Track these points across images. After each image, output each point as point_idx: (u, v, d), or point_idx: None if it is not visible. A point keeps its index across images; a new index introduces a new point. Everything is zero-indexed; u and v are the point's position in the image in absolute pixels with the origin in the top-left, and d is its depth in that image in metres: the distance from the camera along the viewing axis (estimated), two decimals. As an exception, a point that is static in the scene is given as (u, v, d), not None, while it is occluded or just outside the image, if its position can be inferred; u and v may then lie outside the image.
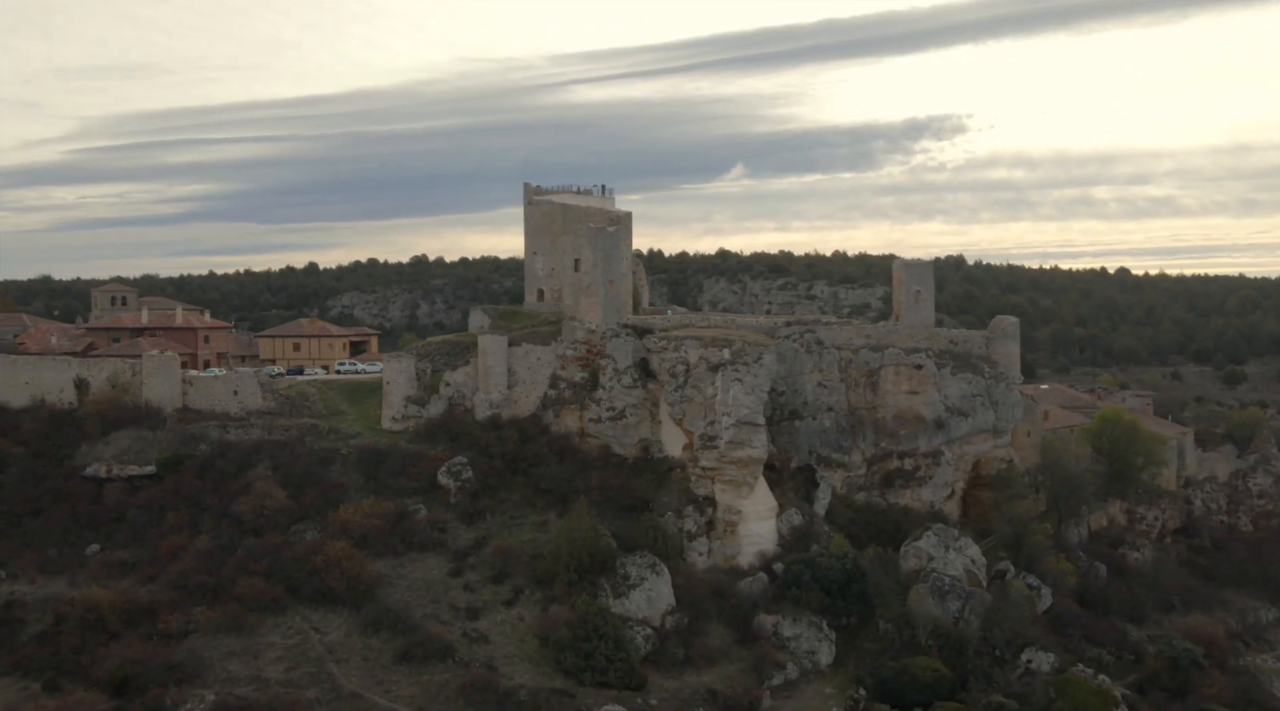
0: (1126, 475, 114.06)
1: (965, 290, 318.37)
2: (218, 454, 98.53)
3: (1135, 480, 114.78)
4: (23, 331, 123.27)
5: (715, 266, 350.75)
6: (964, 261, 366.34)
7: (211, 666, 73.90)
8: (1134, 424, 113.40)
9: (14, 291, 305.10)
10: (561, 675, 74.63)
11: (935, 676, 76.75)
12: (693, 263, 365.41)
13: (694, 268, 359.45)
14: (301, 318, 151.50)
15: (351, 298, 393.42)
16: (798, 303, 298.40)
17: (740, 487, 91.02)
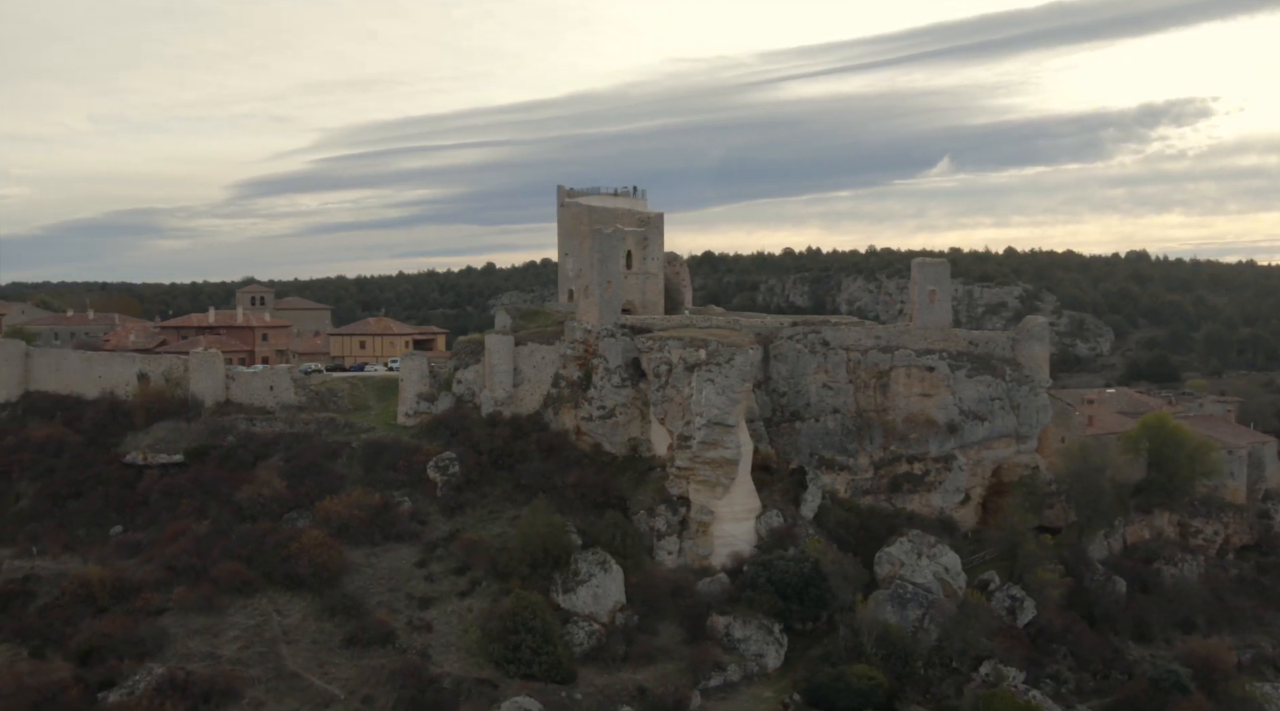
0: (1173, 485, 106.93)
1: (1121, 287, 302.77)
2: (240, 445, 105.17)
3: (1185, 491, 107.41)
4: (110, 330, 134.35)
5: (857, 265, 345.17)
6: (1125, 258, 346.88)
7: (174, 642, 79.55)
8: (1177, 431, 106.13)
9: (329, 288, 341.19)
10: (492, 665, 76.69)
11: (870, 685, 74.87)
12: (834, 261, 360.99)
13: (837, 266, 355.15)
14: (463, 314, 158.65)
15: (511, 297, 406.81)
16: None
17: (715, 488, 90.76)
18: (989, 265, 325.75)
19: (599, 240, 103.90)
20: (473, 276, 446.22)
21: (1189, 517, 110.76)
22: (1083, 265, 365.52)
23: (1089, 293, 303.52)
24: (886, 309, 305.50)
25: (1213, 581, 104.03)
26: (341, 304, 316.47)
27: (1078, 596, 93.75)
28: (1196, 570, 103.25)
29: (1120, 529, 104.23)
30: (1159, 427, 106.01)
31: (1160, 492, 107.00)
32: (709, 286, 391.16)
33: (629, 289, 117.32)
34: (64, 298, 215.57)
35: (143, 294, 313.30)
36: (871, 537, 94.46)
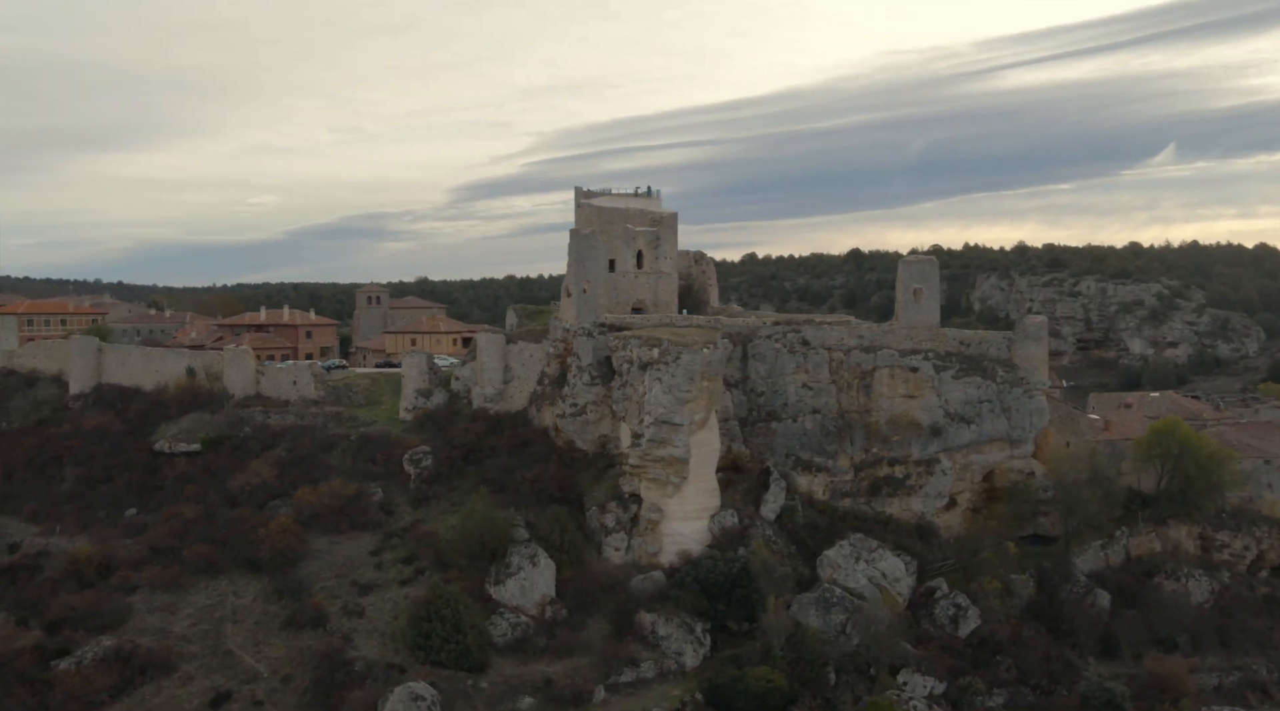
0: (1186, 497, 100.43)
1: (1262, 284, 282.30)
2: (253, 436, 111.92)
3: (1202, 502, 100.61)
4: (179, 327, 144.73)
5: (992, 262, 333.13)
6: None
7: (135, 617, 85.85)
8: (1188, 438, 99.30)
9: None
10: (407, 651, 79.62)
11: (767, 687, 74.20)
12: (973, 257, 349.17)
13: (975, 263, 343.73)
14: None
15: None
16: (1059, 300, 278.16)
17: (665, 486, 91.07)
18: (1142, 260, 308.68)
19: (576, 241, 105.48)
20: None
21: (1213, 531, 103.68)
22: (1254, 259, 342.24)
23: (1244, 290, 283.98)
24: (1017, 307, 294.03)
25: (1232, 599, 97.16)
26: (500, 303, 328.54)
27: (1048, 608, 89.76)
28: (1208, 587, 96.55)
29: (1122, 540, 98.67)
30: (1169, 435, 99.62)
31: (1174, 503, 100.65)
32: (849, 285, 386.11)
33: (640, 288, 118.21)
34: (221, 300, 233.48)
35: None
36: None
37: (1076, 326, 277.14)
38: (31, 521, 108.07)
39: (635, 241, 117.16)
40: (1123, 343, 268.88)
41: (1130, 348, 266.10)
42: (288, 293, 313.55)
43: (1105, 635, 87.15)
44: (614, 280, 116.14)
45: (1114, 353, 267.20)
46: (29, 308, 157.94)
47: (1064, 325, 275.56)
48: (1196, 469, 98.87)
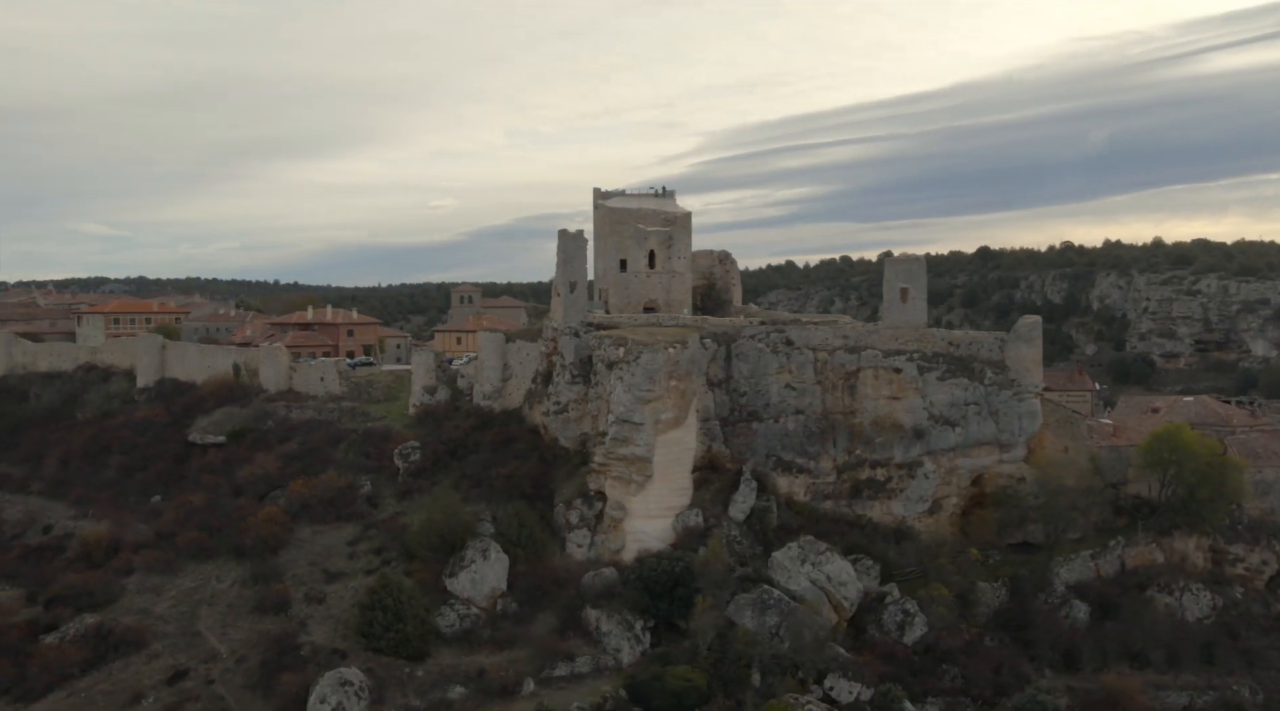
0: (1189, 507, 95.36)
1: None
2: (273, 429, 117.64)
3: (1208, 513, 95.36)
4: (240, 326, 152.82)
5: (1108, 259, 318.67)
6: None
7: (124, 597, 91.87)
8: (1188, 445, 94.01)
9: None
10: (354, 638, 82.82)
11: (684, 686, 74.43)
12: (1098, 256, 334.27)
13: (1101, 261, 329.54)
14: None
15: (777, 295, 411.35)
16: (1175, 299, 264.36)
17: (628, 484, 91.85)
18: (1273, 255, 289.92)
19: (563, 240, 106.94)
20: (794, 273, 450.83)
21: (1225, 543, 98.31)
22: None
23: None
24: (1134, 306, 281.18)
25: (1239, 616, 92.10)
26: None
27: (1015, 617, 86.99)
28: (1208, 602, 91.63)
29: (1116, 550, 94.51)
30: (1168, 441, 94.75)
31: (1179, 513, 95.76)
32: (970, 283, 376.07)
33: (652, 288, 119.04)
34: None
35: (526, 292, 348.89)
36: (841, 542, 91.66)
37: (1194, 327, 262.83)
38: (74, 505, 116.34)
39: (647, 241, 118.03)
40: (1244, 344, 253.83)
41: (1252, 350, 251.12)
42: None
43: (1070, 647, 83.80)
44: (625, 280, 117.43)
45: (1235, 355, 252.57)
46: (116, 307, 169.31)
47: (1180, 325, 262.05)
48: (1197, 478, 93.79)
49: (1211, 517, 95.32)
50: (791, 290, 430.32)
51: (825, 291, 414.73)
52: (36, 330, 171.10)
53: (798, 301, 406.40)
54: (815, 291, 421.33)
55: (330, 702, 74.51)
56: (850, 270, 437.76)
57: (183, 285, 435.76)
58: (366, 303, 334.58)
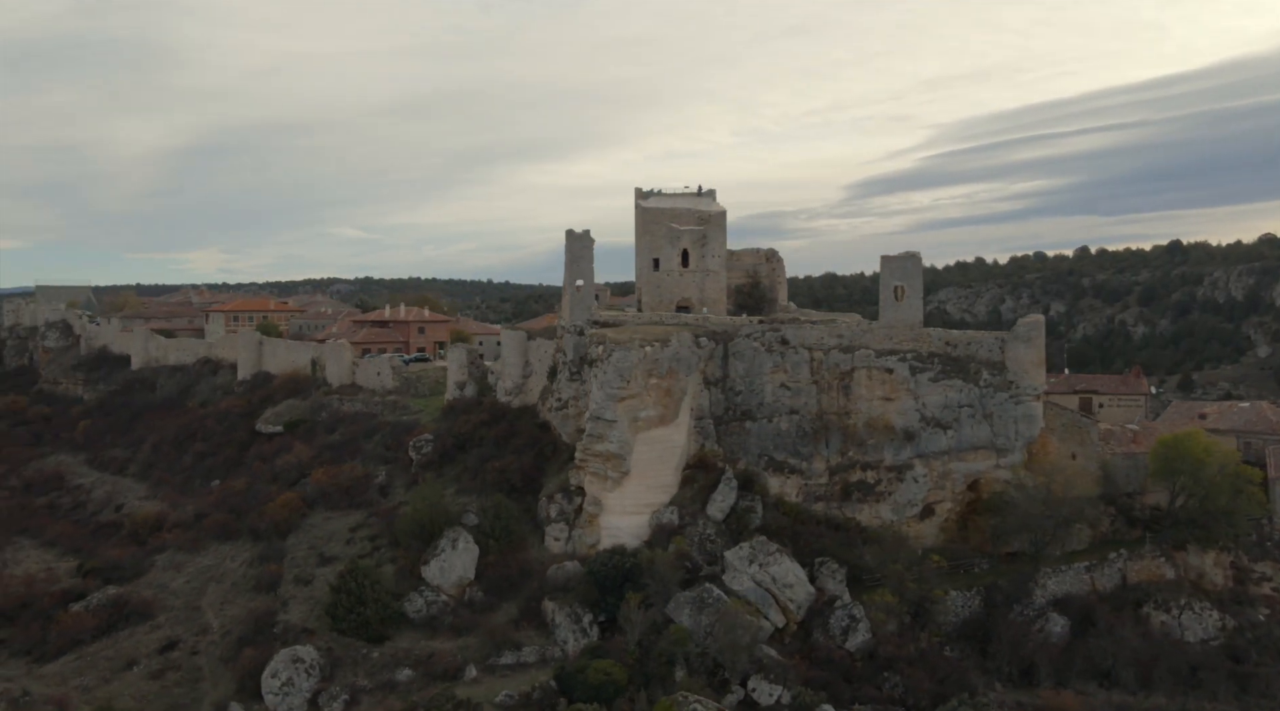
0: (1203, 519, 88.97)
1: None
2: (323, 420, 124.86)
3: (1217, 527, 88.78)
4: (330, 323, 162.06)
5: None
6: None
7: (149, 572, 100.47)
8: (1194, 453, 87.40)
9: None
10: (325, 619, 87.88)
11: (603, 680, 75.48)
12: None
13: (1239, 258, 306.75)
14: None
15: (947, 293, 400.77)
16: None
17: (604, 480, 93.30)
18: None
19: (571, 241, 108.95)
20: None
21: (1250, 560, 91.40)
22: None
23: None
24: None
25: (1254, 640, 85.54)
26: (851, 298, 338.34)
27: (981, 628, 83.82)
28: (1216, 622, 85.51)
29: (1118, 562, 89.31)
30: (1176, 449, 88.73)
31: (1191, 527, 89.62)
32: (1146, 281, 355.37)
33: (686, 286, 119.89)
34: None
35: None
36: (808, 545, 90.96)
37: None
38: (153, 487, 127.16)
39: (680, 240, 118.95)
40: None
41: None
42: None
43: (1032, 662, 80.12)
44: (658, 279, 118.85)
45: None
46: (236, 306, 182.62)
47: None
48: (1210, 488, 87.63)
49: (1226, 531, 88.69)
50: (963, 288, 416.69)
51: (997, 290, 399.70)
52: (175, 327, 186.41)
53: (966, 300, 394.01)
54: (987, 289, 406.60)
55: (281, 677, 79.71)
56: (1028, 267, 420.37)
57: (404, 285, 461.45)
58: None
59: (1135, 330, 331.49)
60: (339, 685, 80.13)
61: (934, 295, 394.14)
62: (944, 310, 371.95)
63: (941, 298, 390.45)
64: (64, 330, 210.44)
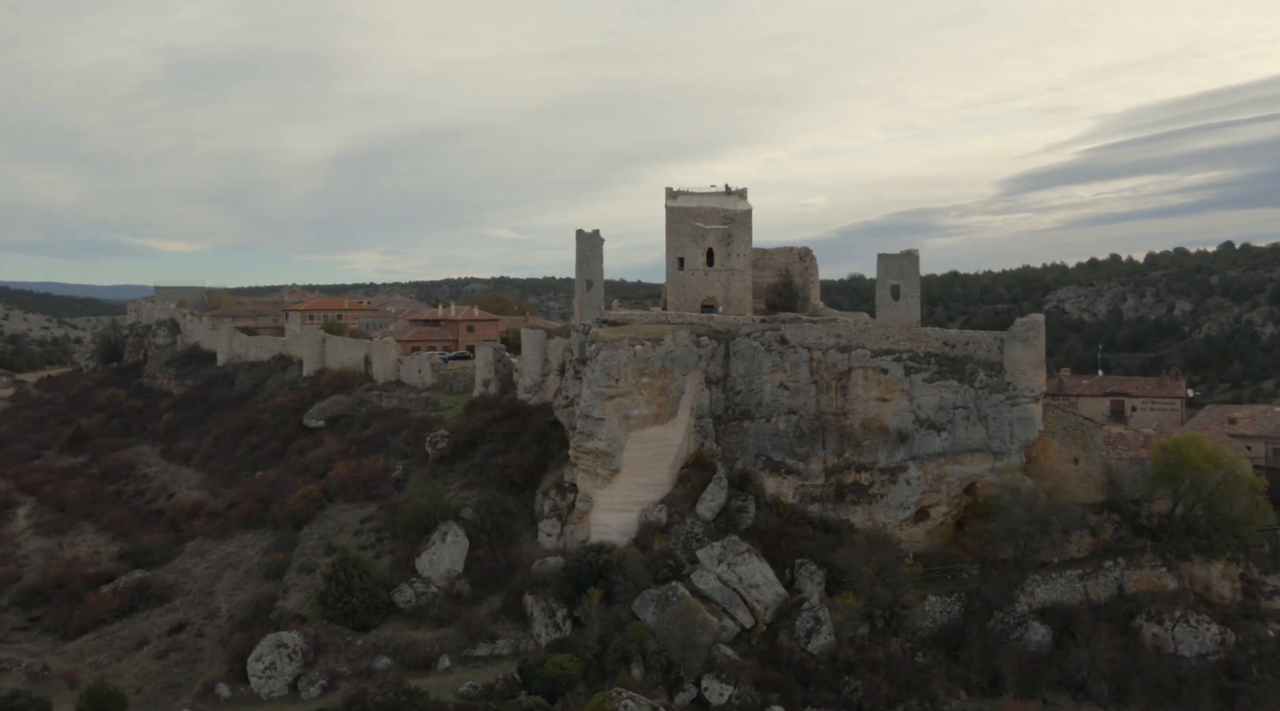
0: (1202, 528, 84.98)
1: None
2: (362, 416, 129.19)
3: (1218, 537, 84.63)
4: (390, 322, 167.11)
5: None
6: None
7: (177, 558, 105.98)
8: (1195, 459, 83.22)
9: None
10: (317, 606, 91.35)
11: (558, 673, 76.76)
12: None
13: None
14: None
15: (1066, 292, 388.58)
16: None
17: (595, 478, 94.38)
18: None
19: (580, 240, 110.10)
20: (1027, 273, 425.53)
21: (1261, 573, 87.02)
22: None
23: None
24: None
25: (1256, 656, 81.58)
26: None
27: (955, 635, 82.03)
28: (1215, 637, 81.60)
29: (1114, 571, 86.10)
30: (1173, 454, 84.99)
31: (1196, 536, 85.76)
32: (1239, 281, 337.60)
33: (710, 286, 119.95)
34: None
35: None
36: (790, 546, 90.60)
37: None
38: (207, 477, 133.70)
39: (705, 239, 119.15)
40: None
41: None
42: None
43: (1000, 671, 78.05)
44: (682, 278, 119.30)
45: None
46: (312, 305, 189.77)
47: None
48: (1205, 497, 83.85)
49: (1232, 541, 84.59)
50: (1084, 286, 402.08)
51: (1119, 288, 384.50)
52: (259, 325, 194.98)
53: (1086, 299, 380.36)
54: (1109, 287, 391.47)
55: (265, 661, 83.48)
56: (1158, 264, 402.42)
57: (538, 285, 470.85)
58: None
59: (1263, 330, 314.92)
60: (319, 670, 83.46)
61: (1053, 293, 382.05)
62: (1062, 309, 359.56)
63: (1061, 296, 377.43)
64: (171, 328, 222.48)
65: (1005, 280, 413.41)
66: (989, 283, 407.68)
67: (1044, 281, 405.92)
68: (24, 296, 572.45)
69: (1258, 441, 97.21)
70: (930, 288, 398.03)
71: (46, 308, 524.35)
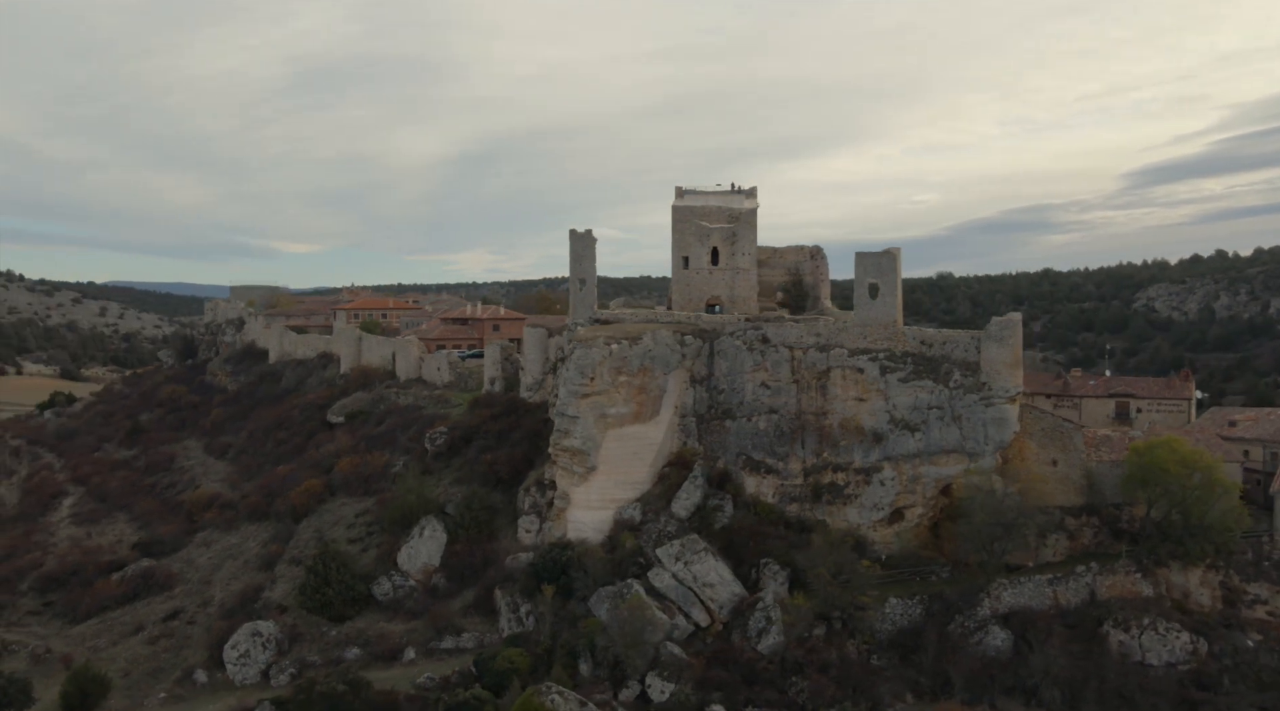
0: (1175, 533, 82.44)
1: None
2: (379, 412, 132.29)
3: (1192, 543, 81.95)
4: (423, 321, 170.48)
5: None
6: None
7: (185, 548, 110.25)
8: (1166, 462, 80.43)
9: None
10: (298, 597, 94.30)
11: (507, 667, 78.16)
12: None
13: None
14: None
15: (1158, 289, 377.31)
16: None
17: (571, 475, 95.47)
18: None
19: (574, 240, 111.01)
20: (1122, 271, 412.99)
21: (1243, 581, 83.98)
22: None
23: None
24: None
25: (1234, 666, 78.86)
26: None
27: (911, 638, 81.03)
28: (1185, 646, 79.09)
29: (1086, 576, 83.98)
30: (1145, 457, 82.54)
31: (1171, 541, 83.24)
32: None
33: (715, 284, 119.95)
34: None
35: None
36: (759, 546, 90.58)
37: None
38: (235, 471, 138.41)
39: (709, 238, 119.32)
40: None
41: None
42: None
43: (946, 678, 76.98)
44: (687, 277, 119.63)
45: None
46: (359, 304, 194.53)
47: None
48: (1176, 502, 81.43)
49: (1206, 547, 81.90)
50: (1176, 284, 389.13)
51: (1211, 285, 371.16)
52: (310, 324, 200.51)
53: (1178, 296, 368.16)
54: (1202, 285, 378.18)
55: (240, 649, 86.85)
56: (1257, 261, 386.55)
57: (635, 284, 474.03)
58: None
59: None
60: (290, 659, 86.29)
61: (1144, 291, 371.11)
62: (1151, 307, 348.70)
63: (1151, 294, 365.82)
64: (238, 327, 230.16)
65: (1096, 278, 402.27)
66: (1079, 280, 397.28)
67: (1137, 279, 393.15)
68: (147, 297, 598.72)
69: (1255, 444, 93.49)
70: (1019, 287, 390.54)
71: (167, 307, 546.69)
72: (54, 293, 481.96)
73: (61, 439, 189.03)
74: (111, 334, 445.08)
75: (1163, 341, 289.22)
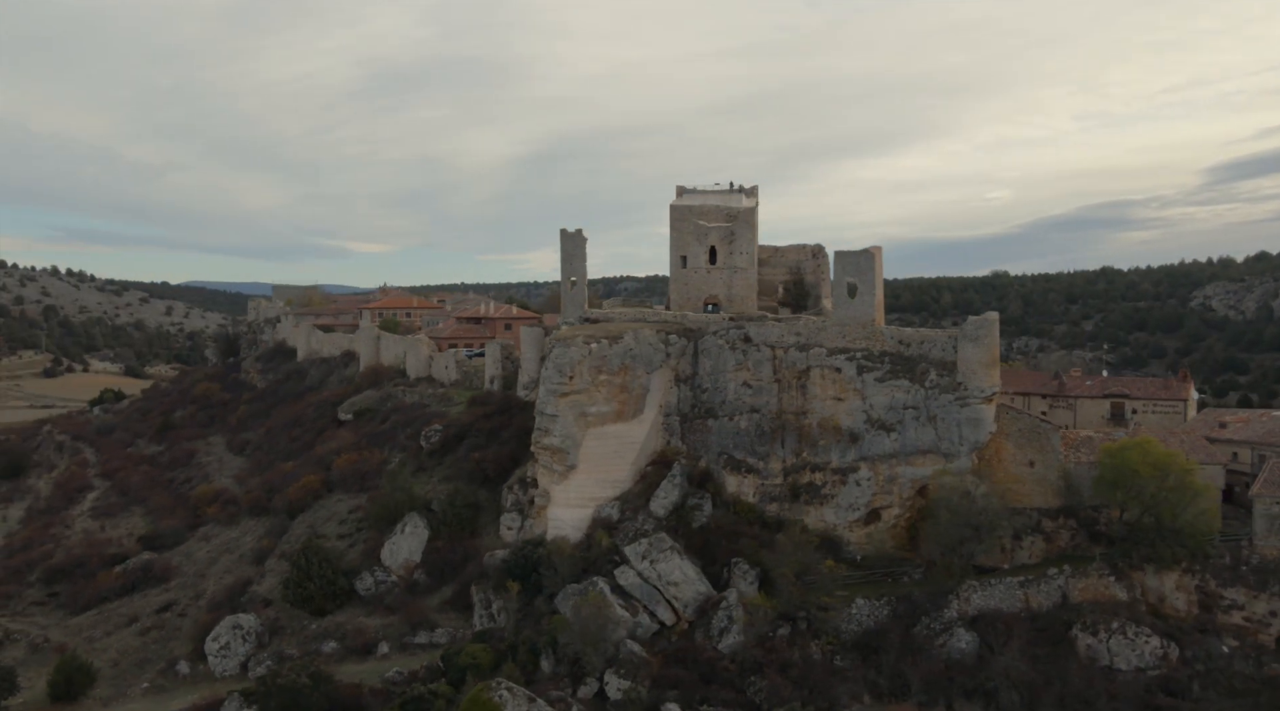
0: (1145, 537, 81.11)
1: None
2: (385, 410, 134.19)
3: (1163, 546, 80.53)
4: (442, 320, 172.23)
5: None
6: None
7: (185, 543, 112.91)
8: (1137, 464, 78.93)
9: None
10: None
11: (470, 662, 79.23)
12: None
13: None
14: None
15: (1216, 287, 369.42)
16: None
17: (552, 473, 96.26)
18: None
19: (564, 239, 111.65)
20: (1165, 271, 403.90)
21: (1219, 586, 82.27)
22: None
23: None
24: None
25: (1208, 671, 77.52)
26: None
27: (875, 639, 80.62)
28: (1156, 650, 77.87)
29: (1058, 579, 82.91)
30: (1116, 459, 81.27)
31: (1144, 544, 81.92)
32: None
33: (713, 283, 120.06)
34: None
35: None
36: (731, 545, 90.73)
37: None
38: (249, 466, 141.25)
39: (707, 237, 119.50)
40: None
41: None
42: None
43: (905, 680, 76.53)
44: (685, 276, 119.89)
45: None
46: (384, 303, 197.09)
47: None
48: (1146, 504, 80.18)
49: (1179, 551, 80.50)
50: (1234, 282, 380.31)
51: (1271, 284, 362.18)
52: (338, 323, 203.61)
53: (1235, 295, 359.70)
54: (1261, 283, 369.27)
55: (221, 641, 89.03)
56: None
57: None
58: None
59: None
60: (269, 652, 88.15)
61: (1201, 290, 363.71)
62: (1208, 306, 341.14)
63: (1208, 293, 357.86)
64: (274, 325, 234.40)
65: (1154, 276, 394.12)
66: (1136, 278, 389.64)
67: (1196, 277, 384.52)
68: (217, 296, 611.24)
69: (1243, 446, 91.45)
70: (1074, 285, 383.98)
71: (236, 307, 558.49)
72: (123, 292, 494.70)
73: (101, 434, 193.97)
74: (176, 332, 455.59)
75: (1216, 341, 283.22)
